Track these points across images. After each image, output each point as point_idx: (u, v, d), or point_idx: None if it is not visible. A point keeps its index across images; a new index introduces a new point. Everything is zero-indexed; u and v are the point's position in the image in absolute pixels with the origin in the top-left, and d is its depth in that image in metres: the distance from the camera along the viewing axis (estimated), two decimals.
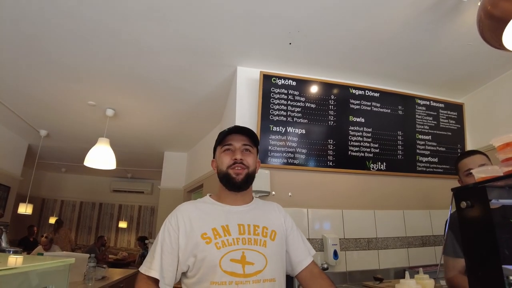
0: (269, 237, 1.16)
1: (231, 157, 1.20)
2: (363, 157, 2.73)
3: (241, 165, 1.19)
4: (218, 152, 1.28)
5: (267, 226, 1.19)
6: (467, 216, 0.69)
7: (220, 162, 1.23)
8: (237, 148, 1.22)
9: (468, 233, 0.69)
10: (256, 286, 1.05)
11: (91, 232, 8.06)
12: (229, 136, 1.25)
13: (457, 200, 0.70)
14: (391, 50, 2.46)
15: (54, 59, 2.66)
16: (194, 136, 4.69)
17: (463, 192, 0.71)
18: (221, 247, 1.08)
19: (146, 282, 1.10)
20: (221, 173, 1.22)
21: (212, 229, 1.12)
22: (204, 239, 1.10)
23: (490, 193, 0.67)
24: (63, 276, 1.25)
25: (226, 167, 1.20)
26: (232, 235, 1.12)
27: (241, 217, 1.18)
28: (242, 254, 1.08)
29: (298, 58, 2.57)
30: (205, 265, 1.07)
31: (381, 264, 2.57)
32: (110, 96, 3.45)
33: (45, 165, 6.85)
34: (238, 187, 1.19)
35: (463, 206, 0.69)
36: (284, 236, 1.24)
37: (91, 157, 3.64)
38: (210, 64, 2.67)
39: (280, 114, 2.58)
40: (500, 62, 2.65)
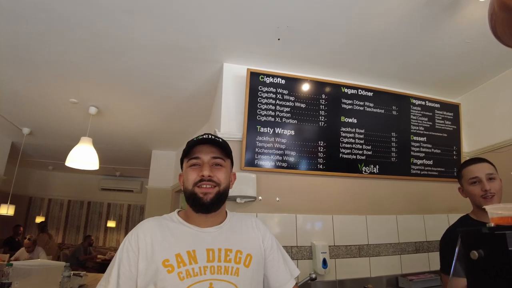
0: (242, 263, 1.02)
1: (198, 173, 1.05)
2: (355, 159, 2.60)
3: (210, 182, 1.04)
4: (184, 166, 1.12)
5: (242, 249, 1.05)
6: (479, 267, 0.55)
7: (186, 179, 1.08)
8: (205, 162, 1.07)
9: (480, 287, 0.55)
10: None
11: (79, 231, 7.89)
12: (196, 148, 1.10)
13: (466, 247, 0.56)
14: (385, 47, 2.33)
15: (32, 55, 2.52)
16: (182, 135, 4.55)
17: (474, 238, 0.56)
18: (184, 277, 0.94)
19: None
20: (187, 191, 1.07)
21: (176, 255, 0.98)
22: (165, 267, 0.95)
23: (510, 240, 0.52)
24: None
25: (192, 185, 1.05)
26: (199, 263, 0.97)
27: (212, 240, 1.04)
28: (210, 286, 0.95)
29: (287, 55, 2.43)
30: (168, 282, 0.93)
31: (373, 272, 2.46)
32: (93, 94, 3.30)
33: (31, 163, 6.68)
34: (206, 208, 1.04)
35: (474, 258, 0.55)
36: (262, 259, 1.11)
37: (73, 157, 3.49)
38: (195, 59, 2.52)
39: (268, 114, 2.45)
40: (498, 61, 2.55)
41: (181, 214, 1.13)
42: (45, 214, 7.78)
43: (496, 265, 0.53)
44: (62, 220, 7.91)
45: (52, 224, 7.79)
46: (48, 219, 7.81)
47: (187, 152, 1.11)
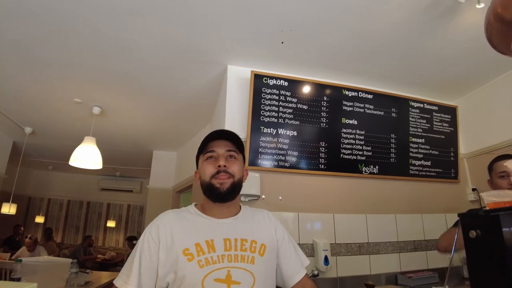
0: (257, 253, 1.07)
1: (214, 165, 1.11)
2: (355, 160, 2.67)
3: (225, 173, 1.10)
4: (200, 161, 1.17)
5: (256, 239, 1.10)
6: (477, 247, 0.62)
7: (203, 172, 1.13)
8: (221, 154, 1.13)
9: (477, 267, 0.62)
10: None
11: (78, 231, 7.89)
12: (211, 143, 1.16)
13: (465, 228, 0.63)
14: (385, 51, 2.40)
15: (37, 55, 2.56)
16: (183, 136, 4.60)
17: (472, 220, 0.63)
18: (204, 265, 0.99)
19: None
20: (204, 184, 1.12)
21: (195, 244, 1.03)
22: (186, 256, 1.00)
23: (504, 221, 0.59)
24: None
25: (209, 177, 1.10)
26: (217, 252, 1.02)
27: (228, 230, 1.09)
28: (228, 273, 0.99)
29: (291, 57, 2.50)
30: (186, 284, 0.97)
31: (373, 269, 2.52)
32: (97, 94, 3.34)
33: (31, 162, 6.68)
34: (223, 198, 1.09)
35: (472, 236, 0.61)
36: (275, 249, 1.16)
37: (76, 157, 3.53)
38: (199, 62, 2.58)
39: (271, 115, 2.51)
40: (494, 65, 2.62)
41: (198, 207, 1.18)
42: (44, 214, 7.77)
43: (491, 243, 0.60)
44: (62, 220, 7.91)
45: (51, 224, 7.79)
46: (48, 219, 7.81)
47: (202, 148, 1.17)
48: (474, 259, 0.61)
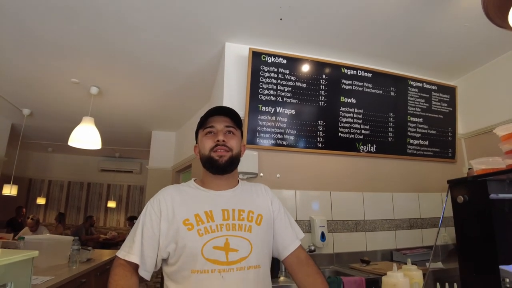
0: (254, 222, 1.11)
1: (213, 140, 1.14)
2: (353, 138, 2.68)
3: (224, 147, 1.13)
4: (200, 136, 1.20)
5: (253, 210, 1.14)
6: (464, 212, 0.63)
7: (202, 146, 1.16)
8: (219, 130, 1.15)
9: (464, 230, 0.63)
10: (239, 274, 1.01)
11: (79, 212, 7.98)
12: (210, 118, 1.18)
13: (454, 193, 0.64)
14: (384, 29, 2.37)
15: (33, 35, 2.53)
16: (182, 115, 4.59)
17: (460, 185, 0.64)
18: (203, 233, 1.03)
19: (124, 267, 1.03)
20: (203, 157, 1.15)
21: (194, 215, 1.06)
22: (186, 225, 1.04)
23: (491, 187, 0.60)
24: (25, 271, 1.18)
25: (208, 151, 1.13)
26: (216, 221, 1.06)
27: (226, 202, 1.13)
28: (226, 241, 1.03)
29: (289, 35, 2.47)
30: (186, 253, 1.01)
31: (369, 246, 2.58)
32: (94, 74, 3.31)
33: (30, 144, 6.69)
34: (222, 169, 1.13)
35: (460, 201, 0.63)
36: (271, 220, 1.19)
37: (75, 137, 3.53)
38: (197, 40, 2.55)
39: (269, 93, 2.50)
40: (494, 45, 2.60)
41: (197, 182, 1.22)
42: (45, 195, 7.84)
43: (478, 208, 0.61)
44: (63, 201, 7.98)
45: (52, 205, 7.87)
46: (49, 200, 7.89)
47: (202, 123, 1.19)
48: (462, 224, 0.62)
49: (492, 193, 0.61)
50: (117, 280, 1.01)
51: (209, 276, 0.99)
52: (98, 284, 2.80)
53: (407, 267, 1.04)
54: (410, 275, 0.97)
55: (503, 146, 0.67)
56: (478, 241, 0.57)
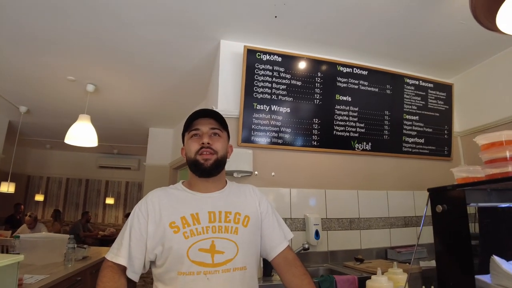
0: (241, 224, 1.11)
1: (199, 143, 1.14)
2: (348, 136, 2.68)
3: (209, 149, 1.13)
4: (186, 139, 1.20)
5: (240, 211, 1.14)
6: (442, 220, 0.63)
7: (188, 149, 1.16)
8: (204, 132, 1.16)
9: (442, 239, 0.63)
10: (225, 275, 1.02)
11: (78, 208, 7.99)
12: (196, 121, 1.18)
13: (433, 202, 0.64)
14: (380, 26, 2.36)
15: (29, 33, 2.52)
16: (179, 112, 4.58)
17: (440, 194, 0.64)
18: (189, 236, 1.04)
19: (112, 269, 1.04)
20: (189, 160, 1.16)
21: (181, 217, 1.07)
22: (172, 228, 1.05)
23: (469, 196, 0.60)
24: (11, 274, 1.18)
25: (194, 154, 1.14)
26: (202, 224, 1.07)
27: (213, 204, 1.13)
28: (212, 243, 1.04)
29: (284, 32, 2.45)
30: (172, 255, 1.02)
31: (363, 244, 2.58)
32: (90, 71, 3.31)
33: (28, 142, 6.69)
34: (208, 173, 1.13)
35: (439, 210, 0.62)
36: (259, 221, 1.19)
37: (72, 135, 3.52)
38: (192, 36, 2.54)
39: (264, 91, 2.49)
40: (491, 43, 2.59)
41: (185, 184, 1.22)
42: (44, 192, 7.85)
43: (456, 217, 0.61)
44: (61, 198, 8.00)
45: (51, 202, 7.88)
46: (47, 197, 7.90)
47: (187, 126, 1.19)
48: (440, 234, 0.62)
49: (471, 202, 0.61)
50: (105, 282, 1.02)
51: (195, 278, 1.00)
52: (94, 282, 2.80)
53: (393, 270, 1.04)
54: (395, 278, 0.97)
55: (482, 156, 0.66)
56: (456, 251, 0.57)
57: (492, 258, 0.65)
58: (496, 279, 0.62)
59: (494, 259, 0.64)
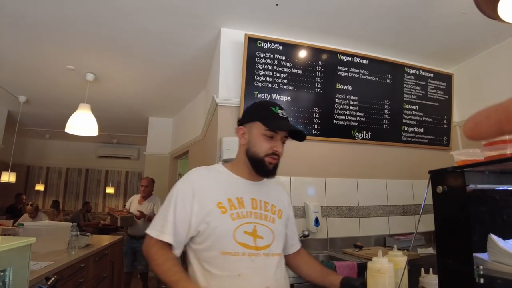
0: (276, 215, 1.18)
1: (272, 147, 1.14)
2: (348, 125, 2.70)
3: (277, 157, 1.16)
4: (257, 128, 1.16)
5: (275, 204, 1.21)
6: (442, 201, 0.65)
7: (258, 145, 1.15)
8: (279, 139, 1.16)
9: (442, 219, 0.66)
10: (266, 259, 1.08)
11: (78, 198, 8.04)
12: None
13: (434, 183, 0.66)
14: (381, 16, 2.35)
15: (28, 21, 2.51)
16: (179, 102, 4.58)
17: (440, 176, 0.66)
18: (236, 218, 1.09)
19: (162, 247, 1.06)
20: (255, 156, 1.15)
21: (227, 199, 1.11)
22: (219, 208, 1.09)
23: (469, 178, 0.62)
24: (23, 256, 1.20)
25: (263, 154, 1.14)
26: (246, 208, 1.12)
27: (254, 192, 1.18)
28: (254, 228, 1.10)
29: (285, 20, 2.45)
30: (217, 234, 1.06)
31: (362, 231, 2.62)
32: (90, 60, 3.30)
33: (27, 132, 6.68)
34: (268, 174, 1.17)
35: (439, 191, 0.65)
36: (286, 219, 1.27)
37: (72, 124, 3.53)
38: (192, 24, 2.53)
39: (265, 80, 2.49)
40: (492, 32, 2.58)
41: (227, 166, 1.24)
42: (44, 182, 7.88)
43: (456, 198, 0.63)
44: (61, 187, 8.03)
45: (51, 191, 7.92)
46: (48, 187, 7.93)
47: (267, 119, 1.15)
48: (440, 214, 0.64)
49: (471, 184, 0.63)
50: (161, 255, 1.04)
51: (240, 259, 1.05)
52: (97, 269, 2.86)
53: (393, 253, 1.07)
54: (395, 260, 1.00)
55: None
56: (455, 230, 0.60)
57: (490, 236, 0.68)
58: (493, 256, 0.65)
59: (492, 237, 0.67)
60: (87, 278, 2.60)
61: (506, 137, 0.63)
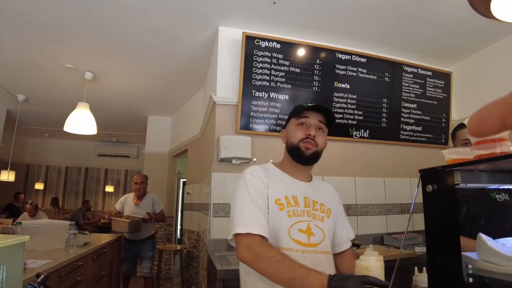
0: (326, 214, 1.21)
1: (304, 132, 1.19)
2: (346, 124, 2.70)
3: (312, 141, 1.18)
4: (291, 124, 1.25)
5: (324, 203, 1.23)
6: (432, 200, 0.66)
7: (293, 135, 1.22)
8: (312, 124, 1.20)
9: (431, 217, 0.66)
10: (317, 256, 1.11)
11: (78, 197, 8.04)
12: (306, 111, 1.23)
13: (424, 182, 0.66)
14: (380, 14, 2.35)
15: (27, 20, 2.51)
16: (177, 100, 4.58)
17: (430, 175, 0.66)
18: (292, 215, 1.12)
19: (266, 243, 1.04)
20: (291, 145, 1.21)
21: (284, 196, 1.15)
22: (278, 205, 1.12)
23: (459, 177, 0.63)
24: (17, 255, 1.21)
25: (298, 140, 1.19)
26: (300, 207, 1.15)
27: (305, 191, 1.21)
28: (308, 226, 1.13)
29: (283, 19, 2.44)
30: (275, 230, 1.09)
31: (360, 230, 2.62)
32: (88, 59, 3.30)
33: (27, 130, 6.67)
34: (306, 160, 1.20)
35: (429, 190, 0.65)
36: (336, 218, 1.28)
37: (70, 123, 3.53)
38: (191, 23, 2.53)
39: (263, 78, 2.49)
40: (491, 30, 2.58)
41: (276, 165, 1.27)
42: (43, 180, 7.88)
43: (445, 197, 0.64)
44: (61, 186, 8.03)
45: (51, 190, 7.92)
46: (47, 186, 7.93)
47: (298, 113, 1.23)
48: (430, 213, 0.65)
49: (460, 183, 0.63)
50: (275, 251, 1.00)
51: (294, 255, 1.05)
52: (95, 267, 2.86)
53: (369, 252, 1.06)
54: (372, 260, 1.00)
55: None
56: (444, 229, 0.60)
57: (479, 235, 0.68)
58: (482, 255, 0.65)
59: (481, 236, 0.67)
60: (86, 276, 2.61)
61: (495, 136, 0.63)
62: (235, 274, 1.73)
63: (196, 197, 3.68)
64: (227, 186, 2.39)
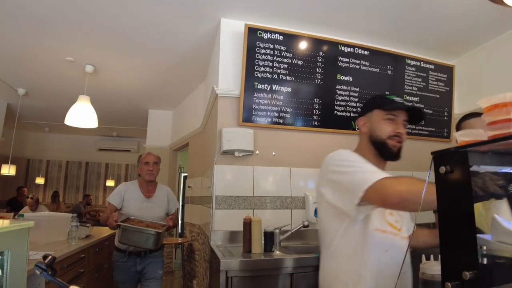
0: None
1: (394, 129, 1.21)
2: (349, 117, 2.69)
3: (400, 138, 1.22)
4: (377, 116, 1.25)
5: None
6: (445, 182, 0.65)
7: (380, 129, 1.23)
8: (400, 122, 1.23)
9: (445, 199, 0.66)
10: (401, 240, 1.16)
11: (78, 191, 8.06)
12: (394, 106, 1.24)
13: (437, 164, 0.66)
14: (383, 7, 2.34)
15: (27, 13, 2.49)
16: (178, 94, 4.56)
17: (443, 156, 0.66)
18: None
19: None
20: (378, 139, 1.23)
21: None
22: None
23: (472, 159, 0.62)
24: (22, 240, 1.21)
25: (386, 136, 1.21)
26: None
27: None
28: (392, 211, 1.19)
29: (286, 10, 2.42)
30: (373, 212, 1.11)
31: None
32: (89, 52, 3.28)
33: (27, 125, 6.66)
34: (392, 156, 1.24)
35: (442, 172, 0.64)
36: None
37: (71, 116, 3.52)
38: (192, 15, 2.51)
39: (265, 71, 2.48)
40: (494, 24, 2.56)
41: (357, 152, 1.26)
42: (44, 175, 7.89)
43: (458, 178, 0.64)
44: (61, 180, 8.05)
45: (51, 184, 7.94)
46: (48, 180, 7.94)
47: (387, 106, 1.24)
48: (443, 194, 0.64)
49: (474, 164, 0.63)
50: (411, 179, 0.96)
51: (386, 237, 1.14)
52: (97, 259, 2.87)
53: None
54: None
55: (486, 118, 0.67)
56: (458, 210, 0.60)
57: (494, 216, 0.68)
58: (496, 236, 0.65)
59: (495, 217, 0.67)
60: (88, 268, 2.62)
61: (511, 115, 0.63)
62: (237, 265, 1.74)
63: (198, 191, 3.68)
64: (229, 178, 2.39)
